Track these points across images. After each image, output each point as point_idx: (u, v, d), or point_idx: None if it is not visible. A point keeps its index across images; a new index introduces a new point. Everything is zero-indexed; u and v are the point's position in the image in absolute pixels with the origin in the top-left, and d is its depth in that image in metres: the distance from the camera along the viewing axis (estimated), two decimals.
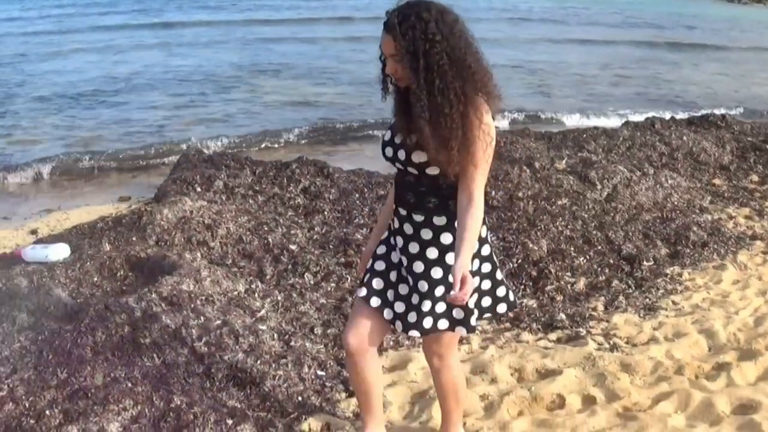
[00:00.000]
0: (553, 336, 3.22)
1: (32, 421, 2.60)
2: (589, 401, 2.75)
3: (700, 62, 15.30)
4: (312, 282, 3.75)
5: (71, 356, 2.94)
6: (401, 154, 2.03)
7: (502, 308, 2.21)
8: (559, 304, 3.51)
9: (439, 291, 2.08)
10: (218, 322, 3.10)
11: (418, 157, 1.99)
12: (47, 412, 2.63)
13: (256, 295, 3.51)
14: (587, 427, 2.54)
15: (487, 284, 2.16)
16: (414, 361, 2.97)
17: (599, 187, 4.83)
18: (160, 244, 4.28)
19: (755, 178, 5.51)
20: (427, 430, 2.52)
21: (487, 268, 2.15)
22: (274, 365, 2.85)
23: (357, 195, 5.01)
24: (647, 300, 3.58)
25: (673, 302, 3.58)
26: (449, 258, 2.05)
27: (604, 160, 5.33)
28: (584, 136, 6.08)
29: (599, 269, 3.87)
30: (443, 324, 2.11)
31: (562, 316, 3.38)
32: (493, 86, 1.97)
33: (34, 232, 5.29)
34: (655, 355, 3.06)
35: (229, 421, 2.51)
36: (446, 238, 2.07)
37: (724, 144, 6.02)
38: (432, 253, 2.08)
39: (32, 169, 7.19)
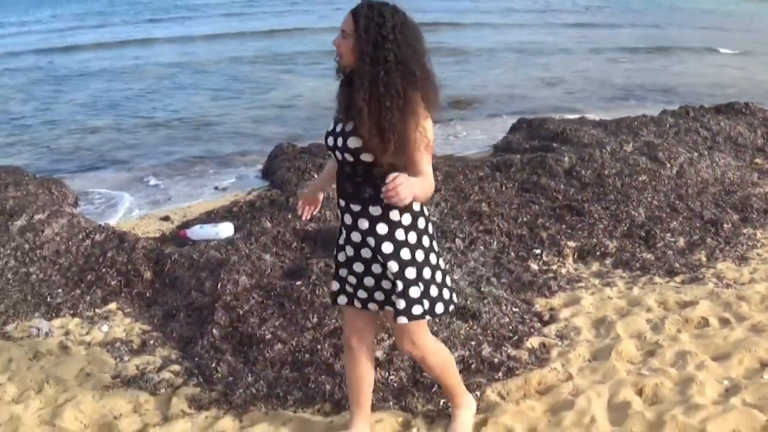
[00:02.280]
0: (678, 279, 4.07)
1: (307, 356, 3.29)
2: (724, 321, 3.58)
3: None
4: (462, 246, 4.53)
5: (314, 304, 3.66)
6: (339, 141, 2.14)
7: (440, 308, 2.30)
8: (671, 256, 4.36)
9: (386, 284, 2.22)
10: None
11: (354, 143, 2.10)
12: (318, 346, 3.33)
13: None
14: (732, 338, 3.37)
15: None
16: (583, 298, 3.79)
17: (668, 165, 5.70)
18: (313, 220, 4.99)
19: None
20: (618, 341, 3.33)
21: (420, 256, 2.24)
22: (480, 304, 3.62)
23: (461, 177, 5.79)
24: (737, 252, 4.44)
25: (758, 254, 4.45)
26: (385, 247, 2.17)
27: (665, 143, 6.20)
28: (635, 123, 6.96)
29: (691, 231, 4.72)
30: (417, 310, 2.22)
31: (677, 264, 4.23)
32: (435, 98, 2.13)
33: (166, 218, 5.92)
34: (760, 291, 3.91)
35: (472, 343, 3.28)
36: (382, 228, 2.17)
37: (755, 129, 6.96)
38: (370, 242, 2.19)
39: (118, 167, 7.89)
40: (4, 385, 3.29)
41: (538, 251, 4.40)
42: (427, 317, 2.29)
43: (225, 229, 4.95)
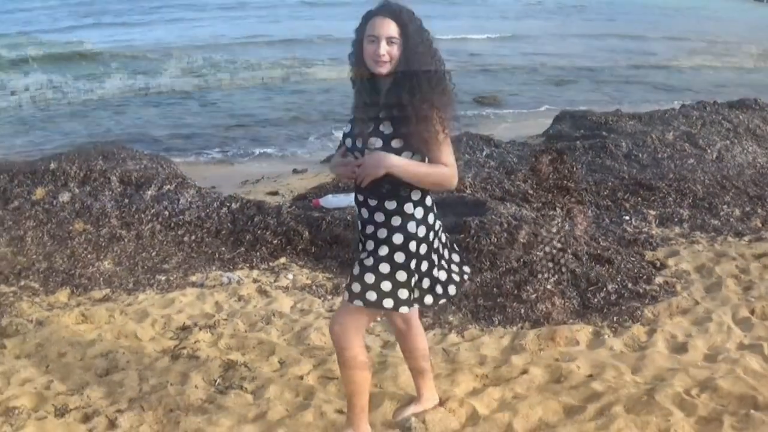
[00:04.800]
0: (746, 238, 5.09)
1: (495, 289, 4.11)
2: None
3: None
4: (561, 214, 5.45)
5: (482, 252, 4.47)
6: (359, 143, 2.24)
7: (428, 300, 2.44)
8: (733, 222, 5.39)
9: (384, 268, 2.29)
10: (548, 235, 4.76)
11: (375, 144, 2.21)
12: (501, 282, 4.15)
13: (542, 220, 5.18)
14: None
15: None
16: (680, 251, 4.77)
17: (709, 151, 6.76)
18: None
19: None
20: (721, 279, 4.30)
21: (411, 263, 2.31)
22: (607, 253, 4.55)
23: (534, 159, 6.72)
24: None
25: None
26: (396, 238, 2.29)
27: (700, 132, 7.27)
28: (666, 115, 8.03)
29: (742, 203, 5.77)
30: (388, 303, 2.31)
31: (741, 228, 5.27)
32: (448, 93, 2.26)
33: (274, 193, 6.64)
34: None
35: (618, 279, 4.21)
36: (396, 221, 2.28)
37: None
38: (382, 233, 2.31)
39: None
40: (230, 321, 3.98)
41: (627, 217, 5.37)
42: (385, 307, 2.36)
43: None
